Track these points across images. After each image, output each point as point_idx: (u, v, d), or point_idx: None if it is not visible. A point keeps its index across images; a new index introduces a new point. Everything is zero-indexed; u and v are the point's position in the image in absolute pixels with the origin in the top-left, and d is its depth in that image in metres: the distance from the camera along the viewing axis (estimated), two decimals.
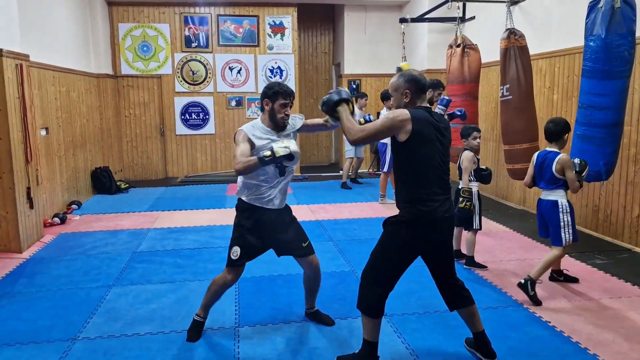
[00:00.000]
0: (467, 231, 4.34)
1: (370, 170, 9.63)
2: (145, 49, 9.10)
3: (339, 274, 4.22)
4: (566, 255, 4.34)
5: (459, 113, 5.15)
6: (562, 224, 3.65)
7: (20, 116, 4.99)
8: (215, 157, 9.57)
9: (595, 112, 4.02)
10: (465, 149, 4.33)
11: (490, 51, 6.76)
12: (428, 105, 2.63)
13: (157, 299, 3.78)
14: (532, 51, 6.13)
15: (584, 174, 3.68)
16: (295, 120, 3.13)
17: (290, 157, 2.72)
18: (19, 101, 4.98)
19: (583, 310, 3.49)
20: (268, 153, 2.70)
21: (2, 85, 4.69)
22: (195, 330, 3.18)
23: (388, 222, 2.65)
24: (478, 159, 4.36)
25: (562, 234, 3.65)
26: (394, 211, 2.68)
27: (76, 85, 7.25)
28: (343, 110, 2.70)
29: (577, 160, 3.72)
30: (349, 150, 8.12)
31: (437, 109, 5.17)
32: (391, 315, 3.42)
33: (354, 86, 7.93)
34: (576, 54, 5.43)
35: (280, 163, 2.82)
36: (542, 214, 3.80)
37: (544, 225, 3.82)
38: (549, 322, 3.30)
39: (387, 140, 6.96)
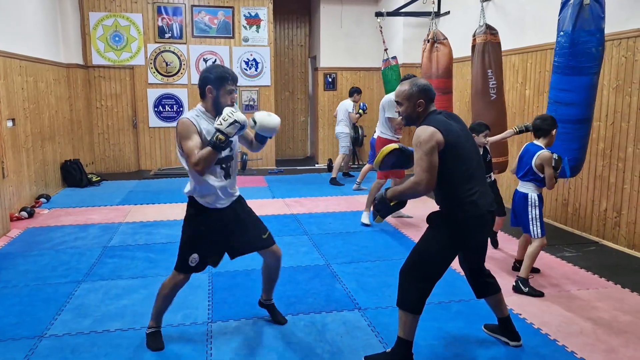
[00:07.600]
0: None
1: (350, 163, 9.63)
2: (117, 39, 8.89)
3: (314, 267, 4.21)
4: None
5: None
6: (530, 216, 3.71)
7: None
8: None
9: (561, 107, 4.06)
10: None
11: (465, 46, 6.81)
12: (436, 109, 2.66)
13: (128, 294, 3.71)
14: (505, 47, 6.19)
15: (558, 170, 3.69)
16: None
17: (242, 127, 2.54)
18: None
19: (552, 302, 3.56)
20: (222, 137, 2.50)
21: None
22: (157, 341, 2.93)
23: (432, 219, 2.64)
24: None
25: (531, 228, 3.71)
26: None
27: (44, 75, 7.03)
28: (392, 193, 2.57)
29: (555, 156, 3.70)
30: (343, 147, 8.08)
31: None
32: (365, 309, 3.43)
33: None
34: (547, 50, 5.51)
35: (231, 142, 2.66)
36: (514, 204, 3.87)
37: (514, 215, 3.89)
38: (520, 314, 3.35)
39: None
